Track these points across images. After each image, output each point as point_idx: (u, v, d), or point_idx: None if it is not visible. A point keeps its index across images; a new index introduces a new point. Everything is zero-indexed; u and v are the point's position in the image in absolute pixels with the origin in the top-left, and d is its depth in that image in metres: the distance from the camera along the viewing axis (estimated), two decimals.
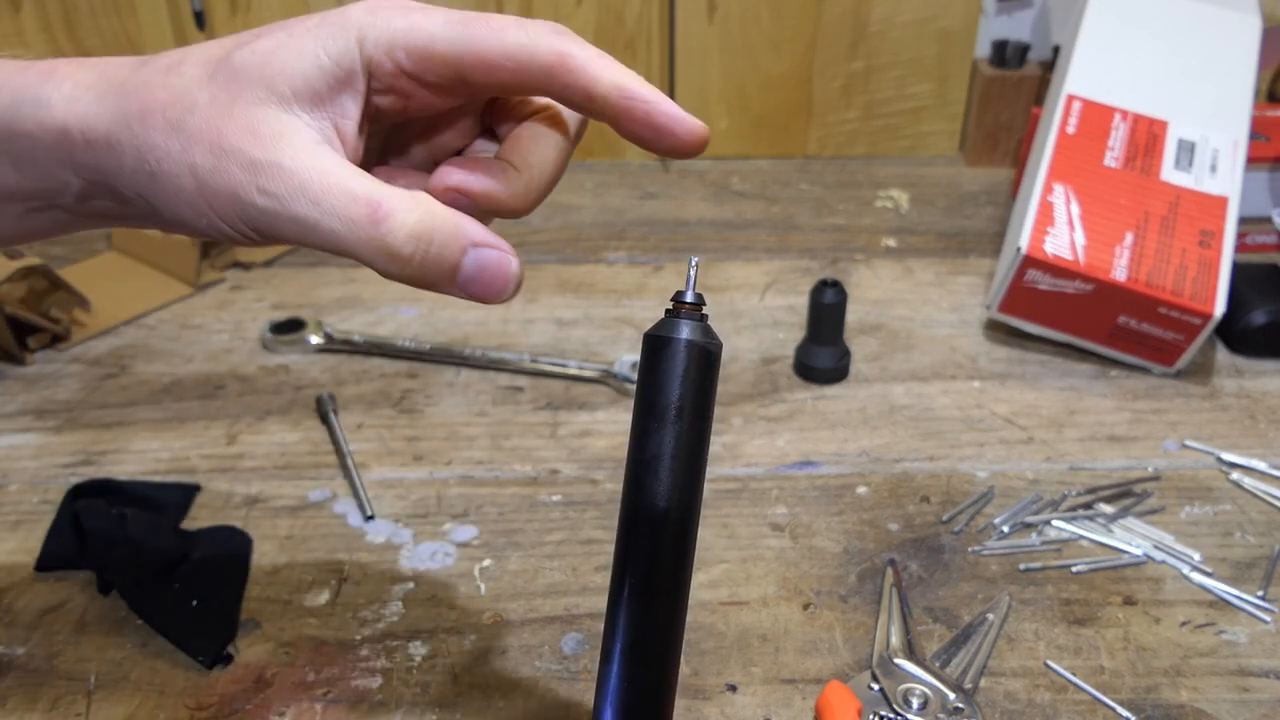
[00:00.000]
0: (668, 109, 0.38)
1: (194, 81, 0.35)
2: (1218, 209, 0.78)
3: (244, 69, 0.35)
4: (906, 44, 1.09)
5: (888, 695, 0.51)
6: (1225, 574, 0.60)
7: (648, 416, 0.37)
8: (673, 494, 0.37)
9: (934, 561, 0.61)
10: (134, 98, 0.36)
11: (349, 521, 0.64)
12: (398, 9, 0.37)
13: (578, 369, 0.77)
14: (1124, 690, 0.53)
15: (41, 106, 0.36)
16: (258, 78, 0.35)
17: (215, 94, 0.35)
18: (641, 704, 0.37)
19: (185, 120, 0.35)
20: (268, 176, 0.34)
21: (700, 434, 0.37)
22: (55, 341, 0.80)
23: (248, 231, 0.36)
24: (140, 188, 0.36)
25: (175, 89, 0.35)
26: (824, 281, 0.75)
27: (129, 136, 0.35)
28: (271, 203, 0.34)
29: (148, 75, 0.36)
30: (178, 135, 0.35)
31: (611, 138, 1.18)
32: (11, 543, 0.62)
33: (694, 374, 0.37)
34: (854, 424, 0.72)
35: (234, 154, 0.34)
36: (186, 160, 0.35)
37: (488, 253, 0.36)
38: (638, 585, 0.37)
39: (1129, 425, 0.72)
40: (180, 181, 0.35)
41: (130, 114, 0.35)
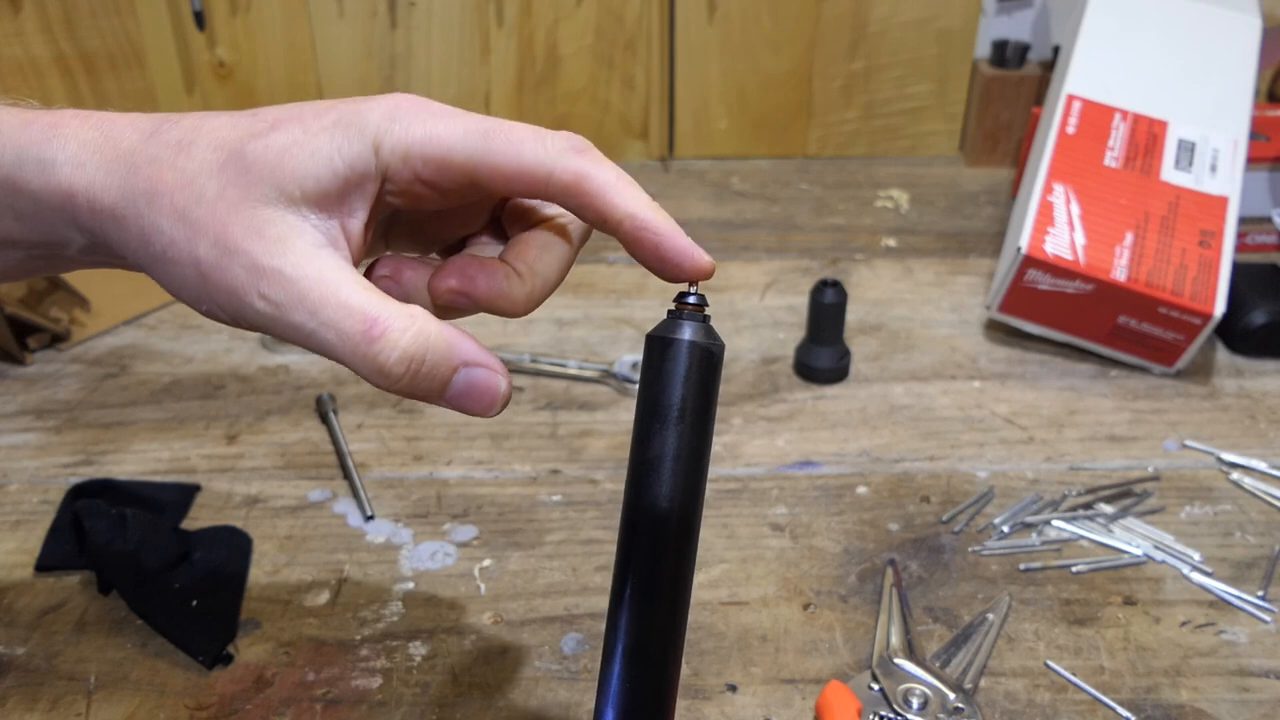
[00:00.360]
0: (677, 244, 0.38)
1: (204, 168, 0.35)
2: (1218, 209, 0.78)
3: (255, 164, 0.35)
4: (906, 44, 1.09)
5: (888, 695, 0.51)
6: (1225, 574, 0.60)
7: (650, 418, 0.37)
8: (675, 495, 0.37)
9: (934, 561, 0.61)
10: (142, 174, 0.36)
11: (349, 521, 0.64)
12: (418, 114, 0.38)
13: (578, 369, 0.77)
14: (1124, 690, 0.53)
15: (46, 168, 0.36)
16: (269, 175, 0.35)
17: (224, 187, 0.35)
18: (643, 705, 0.37)
19: (192, 210, 0.35)
20: (269, 282, 0.35)
21: (703, 435, 0.37)
22: (55, 341, 0.80)
23: (244, 326, 0.36)
24: (144, 264, 0.37)
25: (185, 173, 0.35)
26: (824, 281, 0.75)
27: (135, 215, 0.36)
28: (270, 308, 0.35)
29: (157, 151, 0.36)
30: (184, 224, 0.35)
31: (612, 138, 1.18)
32: (11, 543, 0.62)
33: (696, 375, 0.37)
34: (854, 424, 0.72)
35: (238, 254, 0.35)
36: (191, 251, 0.35)
37: (477, 372, 0.37)
38: (639, 586, 0.37)
39: (1129, 425, 0.72)
40: (184, 270, 0.36)
41: (138, 192, 0.36)
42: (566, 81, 1.09)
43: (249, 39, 1.05)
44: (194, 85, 1.07)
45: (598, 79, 1.09)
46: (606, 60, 1.08)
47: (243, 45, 1.06)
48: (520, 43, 1.07)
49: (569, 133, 0.38)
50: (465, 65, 1.08)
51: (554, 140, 0.37)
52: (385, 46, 1.06)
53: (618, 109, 1.11)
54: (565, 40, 1.07)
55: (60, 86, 1.06)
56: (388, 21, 1.05)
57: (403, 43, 1.06)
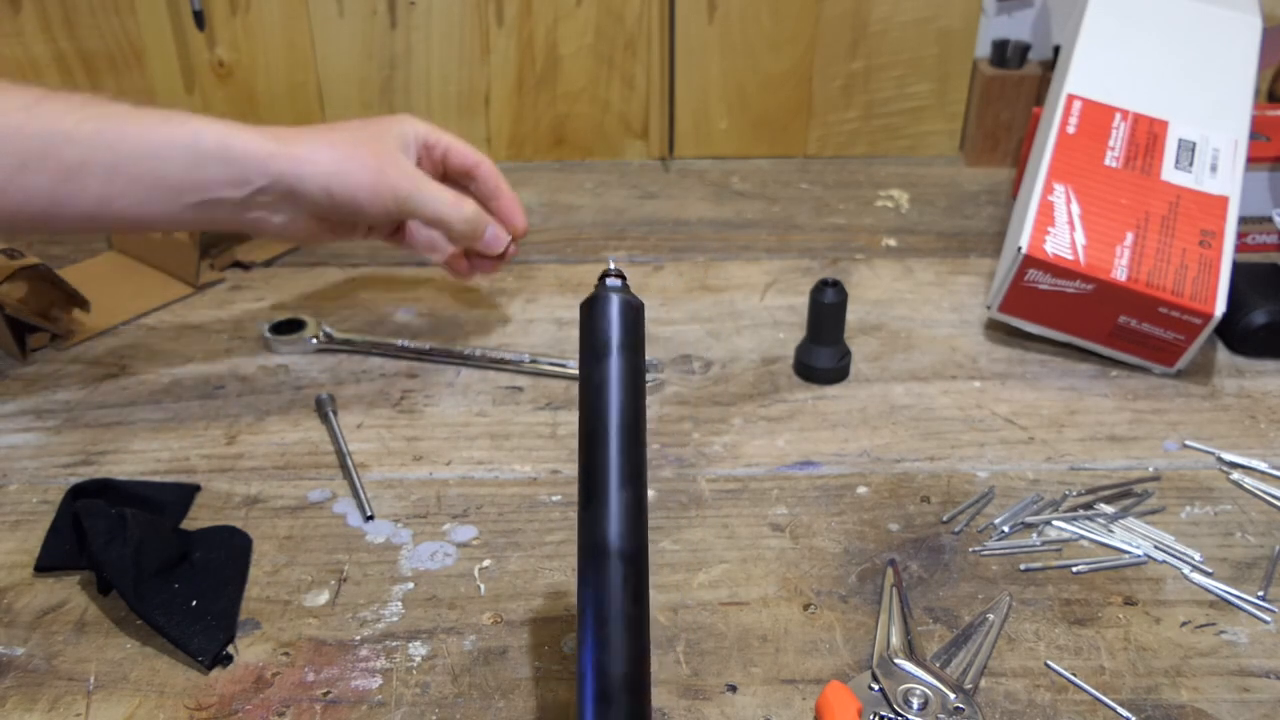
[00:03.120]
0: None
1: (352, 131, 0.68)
2: (1218, 209, 0.78)
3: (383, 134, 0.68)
4: (907, 44, 1.09)
5: (888, 695, 0.51)
6: (1225, 574, 0.60)
7: (590, 356, 0.45)
8: (624, 411, 0.43)
9: (934, 562, 0.61)
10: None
11: (349, 521, 0.64)
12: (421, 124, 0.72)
13: (578, 369, 0.77)
14: (1124, 690, 0.53)
15: (253, 142, 0.63)
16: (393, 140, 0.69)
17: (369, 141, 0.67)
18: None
19: (357, 151, 0.66)
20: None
21: (636, 365, 0.45)
22: (55, 341, 0.80)
23: (392, 207, 0.67)
24: (328, 183, 0.64)
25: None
26: (824, 281, 0.75)
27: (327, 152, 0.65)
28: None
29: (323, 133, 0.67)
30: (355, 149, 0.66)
31: (612, 138, 1.18)
32: (11, 543, 0.62)
33: (624, 319, 0.45)
34: (854, 424, 0.72)
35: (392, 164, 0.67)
36: (367, 166, 0.65)
37: (496, 229, 0.73)
38: (598, 476, 0.42)
39: (1129, 425, 0.72)
40: (363, 177, 0.65)
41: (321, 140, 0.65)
42: (566, 81, 1.09)
43: (249, 39, 1.05)
44: (194, 85, 1.07)
45: (598, 79, 1.09)
46: (606, 60, 1.08)
47: (242, 45, 1.06)
48: (520, 42, 1.07)
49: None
50: (465, 65, 1.08)
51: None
52: (385, 46, 1.06)
53: (618, 109, 1.11)
54: (565, 40, 1.07)
55: (60, 86, 1.06)
56: (387, 21, 1.05)
57: (402, 42, 1.06)
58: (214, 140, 0.61)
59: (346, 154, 0.65)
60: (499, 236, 0.73)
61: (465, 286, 0.89)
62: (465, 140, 0.73)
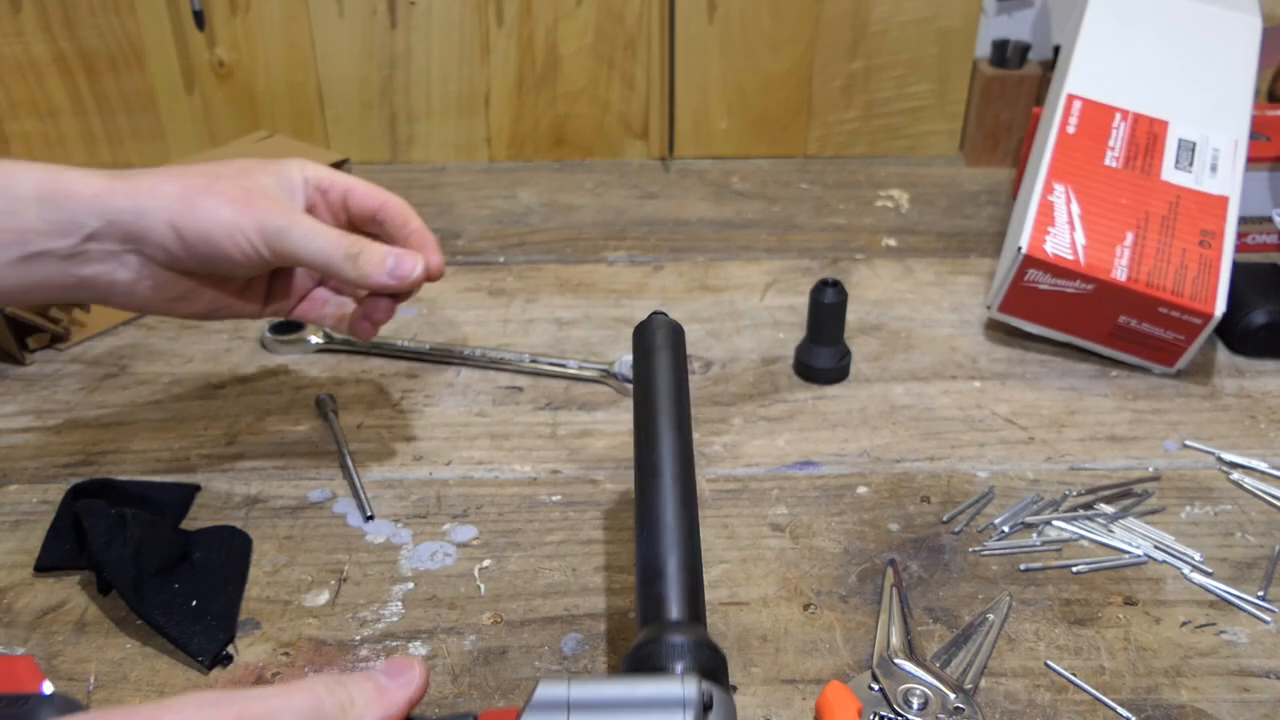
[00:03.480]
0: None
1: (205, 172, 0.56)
2: (1218, 209, 0.78)
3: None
4: (906, 44, 1.08)
5: (888, 695, 0.51)
6: (1225, 574, 0.60)
7: (643, 353, 0.54)
8: (672, 377, 0.52)
9: (934, 562, 0.61)
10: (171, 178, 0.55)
11: (349, 521, 0.64)
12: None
13: (578, 369, 0.77)
14: (1124, 690, 0.53)
15: (81, 180, 0.53)
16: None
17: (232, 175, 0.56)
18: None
19: (216, 184, 0.54)
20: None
21: (679, 357, 0.54)
22: (55, 341, 0.80)
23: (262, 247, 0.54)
24: (176, 217, 0.53)
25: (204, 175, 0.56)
26: (824, 281, 0.75)
27: (177, 186, 0.54)
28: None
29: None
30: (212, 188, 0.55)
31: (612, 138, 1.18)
32: (11, 543, 0.62)
33: (668, 331, 0.55)
34: (854, 424, 0.72)
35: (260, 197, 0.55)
36: (225, 196, 0.54)
37: (400, 258, 0.58)
38: (653, 427, 0.50)
39: (1129, 425, 0.72)
40: (219, 209, 0.54)
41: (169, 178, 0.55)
42: (566, 81, 1.09)
43: (249, 39, 1.05)
44: (194, 85, 1.07)
45: (598, 79, 1.09)
46: (606, 60, 1.08)
47: (242, 45, 1.06)
48: (520, 42, 1.07)
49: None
50: (465, 65, 1.08)
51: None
52: (385, 46, 1.06)
53: (618, 109, 1.11)
54: (565, 40, 1.07)
55: (60, 86, 1.06)
56: (387, 21, 1.05)
57: (402, 42, 1.06)
58: (32, 181, 0.52)
59: (202, 186, 0.54)
60: (404, 263, 0.58)
61: (466, 287, 0.89)
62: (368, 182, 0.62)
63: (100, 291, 0.55)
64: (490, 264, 0.92)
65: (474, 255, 0.94)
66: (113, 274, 0.55)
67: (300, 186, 0.58)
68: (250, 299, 0.61)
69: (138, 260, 0.54)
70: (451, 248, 0.95)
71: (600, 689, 0.37)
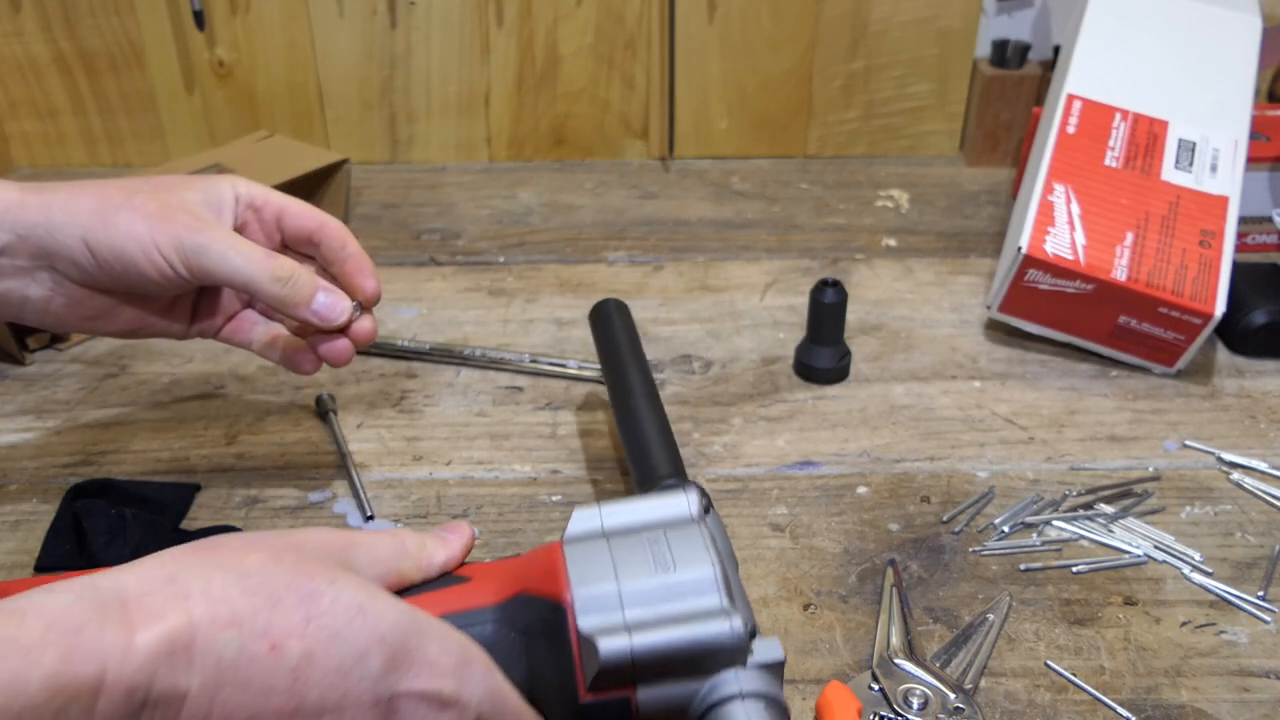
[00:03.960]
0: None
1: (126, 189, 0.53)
2: (1218, 209, 0.78)
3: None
4: (907, 44, 1.08)
5: (888, 695, 0.51)
6: (1225, 574, 0.60)
7: (604, 327, 0.66)
8: (629, 340, 0.65)
9: (934, 562, 0.61)
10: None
11: (349, 522, 0.64)
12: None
13: (578, 369, 0.77)
14: (1124, 690, 0.53)
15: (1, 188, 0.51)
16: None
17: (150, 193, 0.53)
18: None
19: (132, 198, 0.52)
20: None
21: (634, 340, 0.66)
22: (55, 341, 0.80)
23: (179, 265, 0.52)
24: (88, 232, 0.50)
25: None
26: (824, 281, 0.75)
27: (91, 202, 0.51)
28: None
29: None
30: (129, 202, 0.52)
31: (612, 138, 1.18)
32: (11, 543, 0.62)
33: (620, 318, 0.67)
34: (854, 424, 0.72)
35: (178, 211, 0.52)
36: (141, 211, 0.51)
37: (327, 297, 0.55)
38: (621, 368, 0.63)
39: (1129, 425, 0.72)
40: (134, 224, 0.51)
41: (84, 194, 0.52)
42: (566, 81, 1.09)
43: (249, 39, 1.05)
44: (194, 85, 1.07)
45: (598, 79, 1.09)
46: (606, 60, 1.08)
47: (242, 45, 1.06)
48: (520, 42, 1.07)
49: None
50: (465, 65, 1.08)
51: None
52: (385, 46, 1.06)
53: (618, 109, 1.11)
54: (565, 40, 1.07)
55: (60, 86, 1.06)
56: (387, 21, 1.05)
57: (402, 42, 1.06)
58: None
59: (118, 200, 0.51)
60: (335, 304, 0.55)
61: (466, 287, 0.89)
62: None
63: (11, 309, 0.52)
64: (490, 264, 0.92)
65: (474, 255, 0.94)
66: (24, 290, 0.52)
67: (230, 203, 0.55)
68: (174, 318, 0.58)
69: (50, 277, 0.52)
70: (451, 248, 0.95)
71: (624, 507, 0.46)
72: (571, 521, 0.45)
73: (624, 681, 0.41)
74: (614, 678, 0.40)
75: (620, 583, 0.42)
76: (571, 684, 0.41)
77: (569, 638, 0.41)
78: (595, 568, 0.43)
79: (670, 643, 0.40)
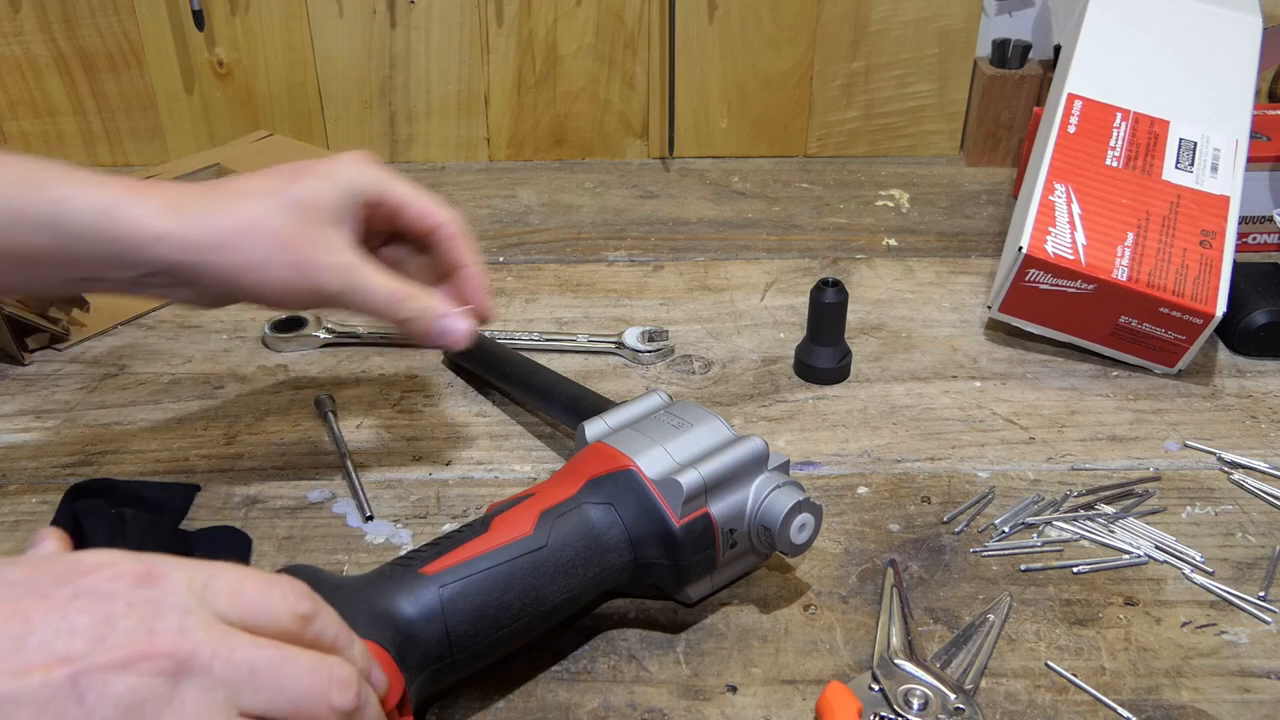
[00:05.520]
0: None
1: (266, 210, 0.54)
2: (1219, 209, 0.78)
3: (301, 204, 0.54)
4: (907, 43, 1.08)
5: (888, 696, 0.51)
6: (1226, 574, 0.60)
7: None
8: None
9: (935, 562, 0.61)
10: (220, 218, 0.53)
11: (348, 522, 0.63)
12: (369, 165, 0.59)
13: (588, 342, 0.77)
14: (1125, 691, 0.52)
15: (135, 218, 0.51)
16: (311, 209, 0.55)
17: (287, 220, 0.54)
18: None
19: (276, 235, 0.54)
20: (335, 270, 0.55)
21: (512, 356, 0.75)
22: (54, 341, 0.80)
23: (317, 304, 0.56)
24: (233, 278, 0.53)
25: (255, 215, 0.54)
26: (824, 281, 0.75)
27: (229, 245, 0.53)
28: (336, 284, 0.55)
29: (220, 204, 0.54)
30: (272, 244, 0.54)
31: (612, 137, 1.18)
32: (11, 543, 0.62)
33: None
34: (854, 424, 0.72)
35: (313, 258, 0.54)
36: (280, 260, 0.54)
37: (446, 321, 0.58)
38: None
39: (1130, 425, 0.72)
40: (276, 274, 0.54)
41: (224, 228, 0.53)
42: (566, 81, 1.09)
43: (248, 38, 1.05)
44: (193, 85, 1.07)
45: (598, 78, 1.09)
46: (606, 59, 1.08)
47: (242, 45, 1.06)
48: (520, 42, 1.07)
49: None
50: (465, 64, 1.07)
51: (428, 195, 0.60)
52: (385, 46, 1.06)
53: (618, 108, 1.10)
54: (565, 39, 1.07)
55: (59, 86, 1.06)
56: (387, 21, 1.05)
57: (402, 42, 1.06)
58: (84, 214, 0.50)
59: (255, 242, 0.53)
60: (451, 330, 0.58)
61: None
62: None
63: (155, 302, 0.60)
64: (490, 264, 0.92)
65: None
66: (166, 295, 0.56)
67: (351, 206, 0.56)
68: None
69: (191, 291, 0.55)
70: None
71: (619, 411, 0.59)
72: (588, 430, 0.58)
73: (701, 504, 0.53)
74: (695, 503, 0.53)
75: (663, 443, 0.55)
76: (662, 519, 0.52)
77: (647, 489, 0.53)
78: (638, 441, 0.55)
79: (725, 464, 0.54)
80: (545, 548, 0.51)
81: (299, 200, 0.54)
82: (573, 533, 0.52)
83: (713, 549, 0.54)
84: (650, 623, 0.56)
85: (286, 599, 0.39)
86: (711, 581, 0.56)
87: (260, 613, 0.38)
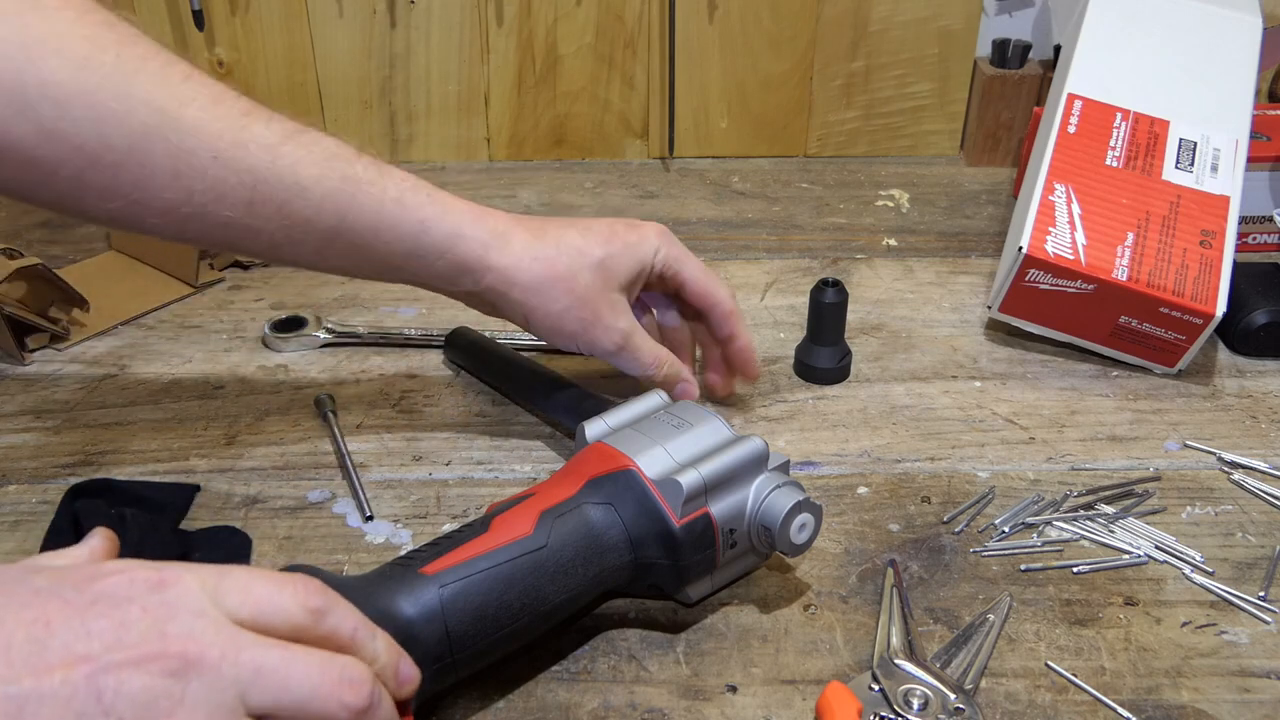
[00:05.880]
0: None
1: (579, 266, 0.63)
2: (1219, 208, 0.78)
3: (605, 266, 0.63)
4: (907, 43, 1.08)
5: (888, 696, 0.51)
6: (1226, 574, 0.60)
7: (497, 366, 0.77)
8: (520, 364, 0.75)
9: (935, 562, 0.61)
10: (542, 264, 0.62)
11: (348, 522, 0.63)
12: (668, 241, 0.67)
13: None
14: (1125, 691, 0.52)
15: (479, 249, 0.61)
16: (612, 273, 0.64)
17: (592, 279, 0.63)
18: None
19: (578, 291, 0.63)
20: (615, 331, 0.65)
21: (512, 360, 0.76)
22: (54, 341, 0.80)
23: (593, 354, 0.66)
24: (532, 316, 0.64)
25: (570, 268, 0.63)
26: (824, 281, 0.75)
27: (542, 289, 0.63)
28: (612, 344, 0.65)
29: (549, 251, 0.63)
30: (573, 298, 0.63)
31: (612, 137, 1.18)
32: (11, 543, 0.62)
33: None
34: (854, 424, 0.72)
35: (601, 316, 0.64)
36: (576, 313, 0.63)
37: (685, 386, 0.68)
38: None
39: (1130, 425, 0.72)
40: (566, 323, 0.64)
41: (543, 276, 0.62)
42: (566, 81, 1.09)
43: (248, 38, 1.05)
44: None
45: (598, 78, 1.09)
46: (606, 59, 1.08)
47: (242, 45, 1.06)
48: (520, 42, 1.07)
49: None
50: (465, 64, 1.07)
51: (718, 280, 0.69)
52: (385, 46, 1.06)
53: (618, 108, 1.10)
54: (565, 39, 1.07)
55: None
56: (387, 21, 1.05)
57: (402, 42, 1.06)
58: (439, 237, 0.60)
59: (560, 293, 0.62)
60: (687, 392, 0.68)
61: None
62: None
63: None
64: None
65: None
66: (463, 300, 0.66)
67: (645, 273, 0.66)
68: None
69: (489, 306, 0.65)
70: None
71: (618, 411, 0.60)
72: (588, 430, 0.58)
73: (701, 504, 0.53)
74: (695, 503, 0.53)
75: (663, 444, 0.55)
76: (662, 519, 0.52)
77: (647, 489, 0.53)
78: (638, 441, 0.55)
79: (725, 464, 0.54)
80: (545, 548, 0.51)
81: (605, 263, 0.63)
82: (573, 533, 0.52)
83: (713, 549, 0.54)
84: (650, 623, 0.56)
85: (298, 594, 0.41)
86: (711, 581, 0.56)
87: (272, 609, 0.40)
